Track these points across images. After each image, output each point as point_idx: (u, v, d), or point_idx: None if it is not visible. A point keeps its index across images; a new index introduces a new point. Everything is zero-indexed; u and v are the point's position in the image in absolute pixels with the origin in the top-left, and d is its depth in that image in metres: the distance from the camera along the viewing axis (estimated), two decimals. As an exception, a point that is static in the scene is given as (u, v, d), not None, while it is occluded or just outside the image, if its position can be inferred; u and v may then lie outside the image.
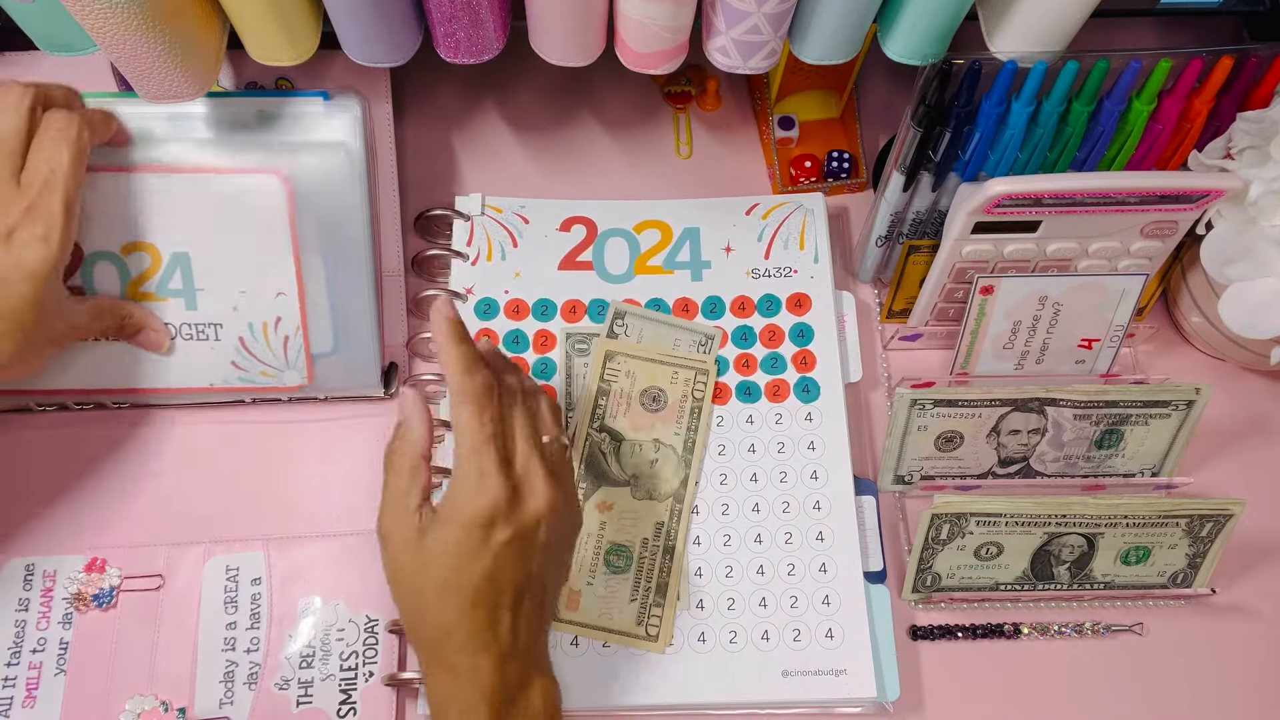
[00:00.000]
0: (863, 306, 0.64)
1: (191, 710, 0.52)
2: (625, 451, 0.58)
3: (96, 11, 0.42)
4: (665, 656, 0.55)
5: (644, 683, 0.54)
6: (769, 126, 0.67)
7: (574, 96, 0.69)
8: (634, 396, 0.59)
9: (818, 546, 0.57)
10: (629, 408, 0.59)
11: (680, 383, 0.59)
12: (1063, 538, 0.55)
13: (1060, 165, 0.54)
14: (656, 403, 0.58)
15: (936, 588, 0.57)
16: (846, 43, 0.50)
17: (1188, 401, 0.57)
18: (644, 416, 0.59)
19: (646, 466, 0.58)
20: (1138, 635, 0.58)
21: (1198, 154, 0.54)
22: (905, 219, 0.59)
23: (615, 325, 0.61)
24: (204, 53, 0.49)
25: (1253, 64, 0.51)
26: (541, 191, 0.65)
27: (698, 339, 0.61)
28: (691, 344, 0.61)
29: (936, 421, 0.57)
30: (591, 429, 0.58)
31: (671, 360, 0.60)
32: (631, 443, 0.58)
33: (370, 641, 0.54)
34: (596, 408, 0.58)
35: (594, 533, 0.57)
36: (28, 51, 0.61)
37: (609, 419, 0.59)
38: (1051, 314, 0.57)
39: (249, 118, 0.56)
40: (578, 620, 0.55)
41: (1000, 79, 0.50)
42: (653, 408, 0.58)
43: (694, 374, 0.60)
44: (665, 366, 0.60)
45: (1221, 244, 0.53)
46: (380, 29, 0.49)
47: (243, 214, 0.55)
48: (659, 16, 0.47)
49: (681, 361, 0.60)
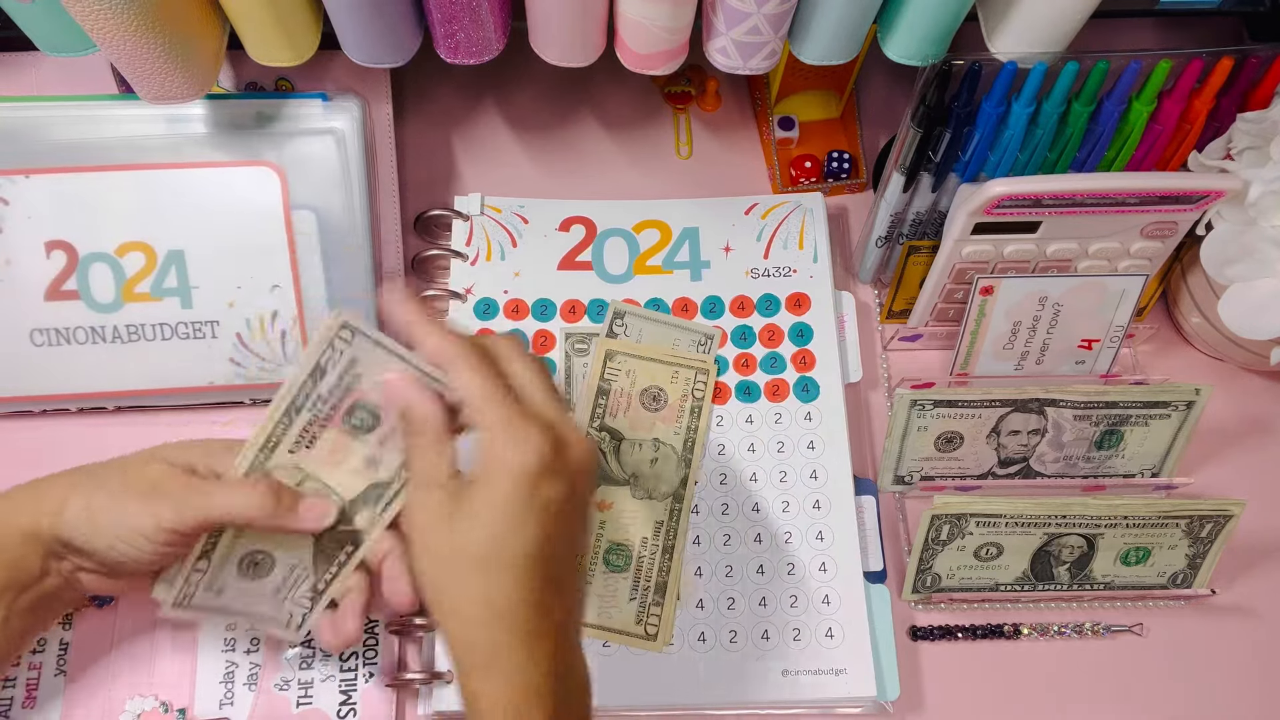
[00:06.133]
0: (863, 307, 0.64)
1: (191, 711, 0.52)
2: (625, 450, 0.58)
3: (96, 12, 0.42)
4: (665, 656, 0.55)
5: (644, 682, 0.54)
6: (769, 126, 0.67)
7: (574, 96, 0.69)
8: (634, 396, 0.59)
9: (817, 546, 0.57)
10: (629, 407, 0.59)
11: (680, 382, 0.59)
12: (1063, 538, 0.55)
13: (1060, 166, 0.54)
14: (657, 402, 0.58)
15: (936, 588, 0.57)
16: (846, 43, 0.50)
17: (1188, 402, 0.57)
18: (644, 416, 0.59)
19: (646, 466, 0.58)
20: (1137, 636, 0.58)
21: (1198, 155, 0.54)
22: (905, 219, 0.59)
23: (615, 325, 0.61)
24: (204, 54, 0.49)
25: (1253, 64, 0.51)
26: (541, 191, 0.65)
27: (697, 339, 0.61)
28: (691, 344, 0.61)
29: (936, 422, 0.57)
30: (591, 428, 0.58)
31: (672, 360, 0.60)
32: (631, 442, 0.58)
33: (370, 642, 0.54)
34: (596, 406, 0.58)
35: (592, 532, 0.57)
36: (28, 52, 0.61)
37: (609, 418, 0.58)
38: (1051, 314, 0.57)
39: (248, 119, 0.56)
40: None
41: (1000, 80, 0.50)
42: (653, 407, 0.58)
43: (694, 373, 0.60)
44: (666, 366, 0.60)
45: (1221, 244, 0.53)
46: (380, 29, 0.49)
47: (236, 207, 0.55)
48: (659, 17, 0.47)
49: (682, 361, 0.60)
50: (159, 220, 0.55)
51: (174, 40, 0.45)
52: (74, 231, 0.55)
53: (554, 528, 0.39)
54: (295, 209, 0.56)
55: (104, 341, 0.56)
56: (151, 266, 0.56)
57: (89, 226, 0.55)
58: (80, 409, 0.58)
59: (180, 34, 0.46)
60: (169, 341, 0.56)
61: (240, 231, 0.55)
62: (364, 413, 0.45)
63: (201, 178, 0.55)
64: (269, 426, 0.45)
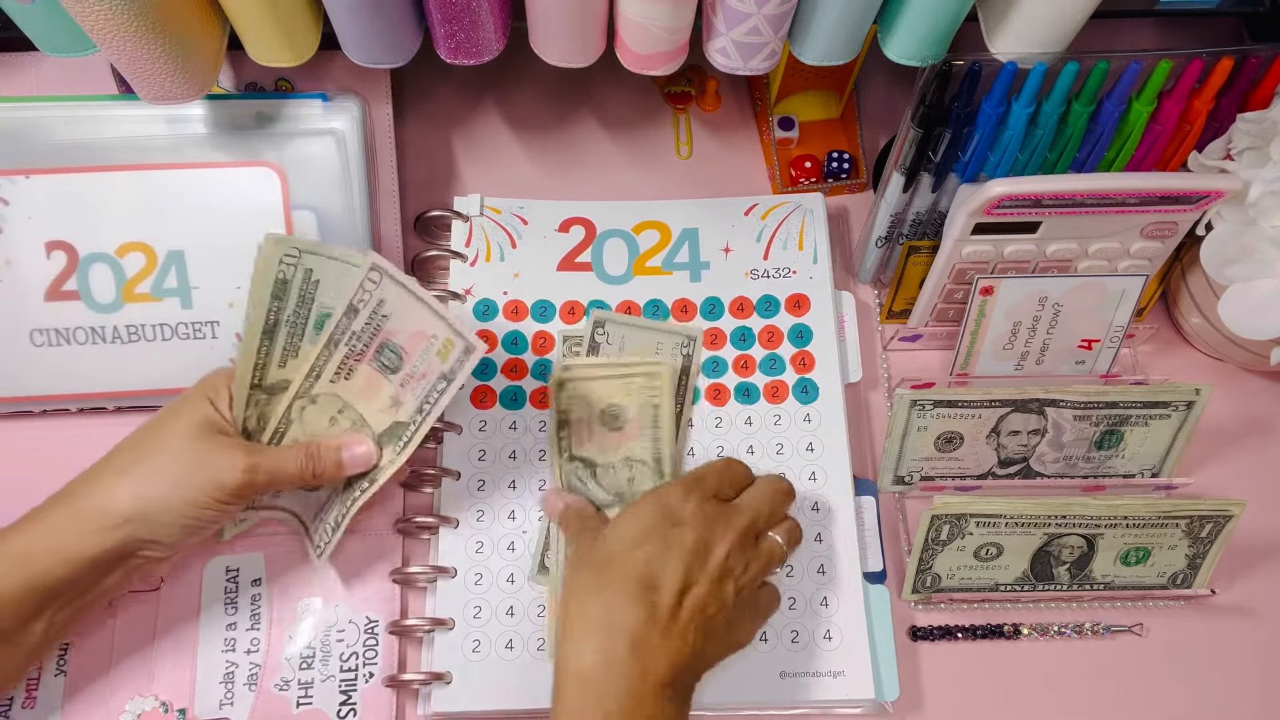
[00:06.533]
0: (863, 307, 0.64)
1: (191, 711, 0.53)
2: (601, 475, 0.57)
3: (96, 13, 0.42)
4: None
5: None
6: (769, 127, 0.67)
7: (574, 97, 0.69)
8: (593, 421, 0.57)
9: (816, 548, 0.57)
10: (592, 433, 0.57)
11: (635, 391, 0.57)
12: (1062, 538, 0.55)
13: (1060, 166, 0.54)
14: (617, 420, 0.57)
15: (936, 588, 0.57)
16: (846, 44, 0.50)
17: (1188, 402, 0.57)
18: (608, 438, 0.57)
19: (625, 485, 0.57)
20: (1137, 636, 0.58)
21: (1198, 155, 0.54)
22: (905, 220, 0.59)
23: (596, 334, 0.61)
24: (204, 54, 0.49)
25: (1253, 65, 0.51)
26: (541, 192, 0.65)
27: (679, 340, 0.61)
28: (674, 346, 0.61)
29: (936, 422, 0.57)
30: (562, 461, 0.57)
31: (621, 371, 0.58)
32: (604, 466, 0.57)
33: (370, 642, 0.54)
34: (560, 440, 0.57)
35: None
36: (28, 52, 0.61)
37: (577, 448, 0.57)
38: (1051, 315, 0.57)
39: (248, 119, 0.56)
40: None
41: (1000, 80, 0.50)
42: (615, 426, 0.57)
43: (646, 379, 0.58)
44: (618, 380, 0.58)
45: (1221, 245, 0.53)
46: (380, 29, 0.49)
47: (237, 207, 0.55)
48: (659, 18, 0.47)
49: (631, 370, 0.58)
50: (159, 220, 0.55)
51: (174, 41, 0.46)
52: (74, 232, 0.55)
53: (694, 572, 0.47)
54: (295, 209, 0.56)
55: (104, 342, 0.56)
56: (152, 267, 0.56)
57: (89, 227, 0.55)
58: (80, 409, 0.58)
59: (180, 34, 0.46)
60: (169, 342, 0.56)
61: (240, 232, 0.55)
62: (390, 353, 0.46)
63: (202, 178, 0.55)
64: (312, 356, 0.49)
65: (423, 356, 0.48)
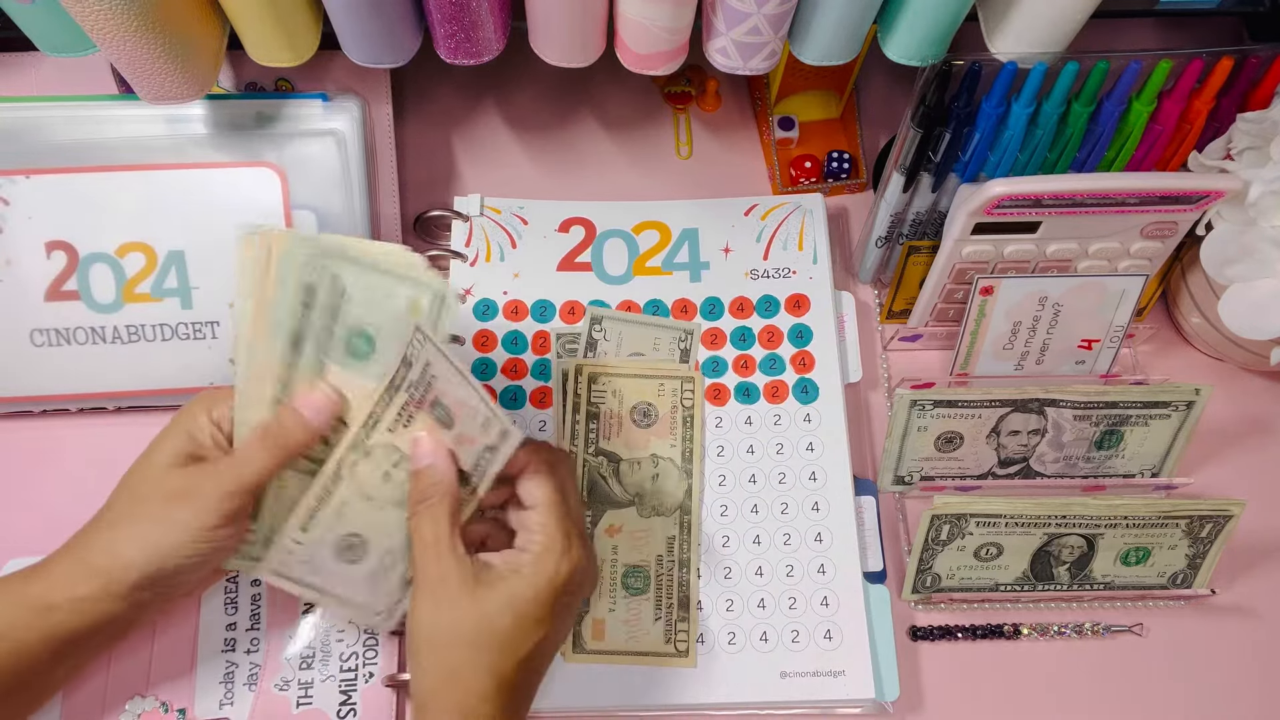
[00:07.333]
0: (863, 307, 0.64)
1: (191, 711, 0.52)
2: (625, 471, 0.57)
3: (96, 12, 0.42)
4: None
5: (642, 685, 0.54)
6: (769, 127, 0.67)
7: (574, 97, 0.69)
8: (624, 415, 0.58)
9: (816, 548, 0.57)
10: (621, 427, 0.58)
11: (668, 394, 0.59)
12: (1062, 538, 0.55)
13: (1060, 166, 0.54)
14: (647, 417, 0.58)
15: (936, 588, 0.57)
16: (846, 43, 0.50)
17: (1188, 402, 0.57)
18: (637, 433, 0.58)
19: (649, 483, 0.57)
20: (1137, 636, 0.58)
21: (1197, 155, 0.54)
22: (905, 220, 0.59)
23: (594, 331, 0.61)
24: (204, 54, 0.49)
25: (1253, 64, 0.51)
26: (541, 192, 0.65)
27: (676, 335, 0.61)
28: (671, 341, 0.61)
29: (936, 422, 0.57)
30: (588, 454, 0.58)
31: (655, 373, 0.59)
32: (630, 462, 0.58)
33: (370, 643, 0.54)
34: (589, 432, 0.58)
35: (606, 558, 0.56)
36: (28, 52, 0.61)
37: (603, 442, 0.58)
38: (1051, 314, 0.57)
39: (248, 119, 0.56)
40: (605, 649, 0.54)
41: (1000, 80, 0.50)
42: (645, 423, 0.58)
43: (679, 383, 0.59)
44: (650, 380, 0.59)
45: (1221, 245, 0.53)
46: (380, 29, 0.49)
47: (237, 207, 0.55)
48: (659, 17, 0.47)
49: (665, 373, 0.59)
50: (159, 220, 0.55)
51: (174, 40, 0.46)
52: (74, 232, 0.55)
53: (559, 631, 0.45)
54: (295, 209, 0.56)
55: (104, 342, 0.56)
56: (152, 267, 0.56)
57: (89, 227, 0.55)
58: (80, 409, 0.58)
59: (180, 34, 0.46)
60: (169, 342, 0.56)
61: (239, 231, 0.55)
62: (441, 409, 0.45)
63: (202, 178, 0.55)
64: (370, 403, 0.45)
65: (468, 423, 0.44)
